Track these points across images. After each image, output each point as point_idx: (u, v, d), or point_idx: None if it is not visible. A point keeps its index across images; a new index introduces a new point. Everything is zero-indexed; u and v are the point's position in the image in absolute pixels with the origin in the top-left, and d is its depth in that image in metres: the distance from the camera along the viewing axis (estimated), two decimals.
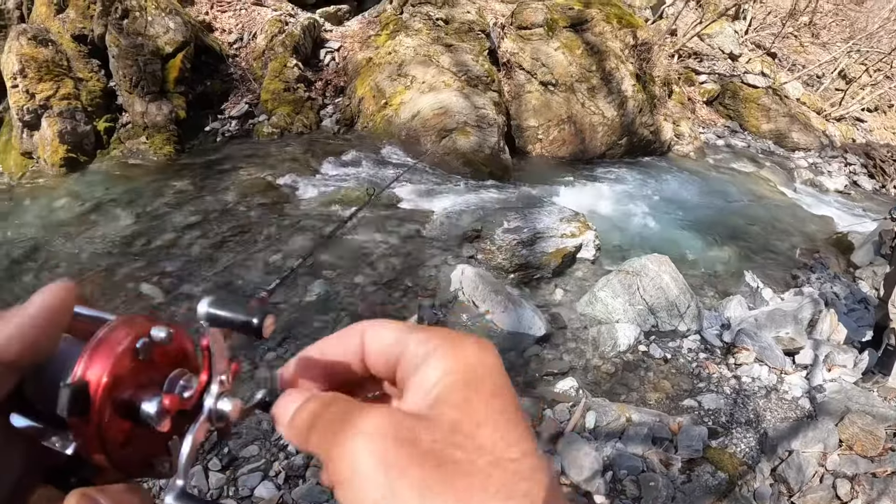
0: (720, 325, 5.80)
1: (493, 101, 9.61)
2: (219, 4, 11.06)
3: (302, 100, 9.91)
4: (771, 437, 4.22)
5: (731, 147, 13.01)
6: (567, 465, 3.69)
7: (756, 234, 8.48)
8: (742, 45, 16.08)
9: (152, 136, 9.04)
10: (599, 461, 3.69)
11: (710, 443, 4.04)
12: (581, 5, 11.19)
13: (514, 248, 6.18)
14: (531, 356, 4.94)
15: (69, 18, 9.47)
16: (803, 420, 4.45)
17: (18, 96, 8.70)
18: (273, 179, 7.93)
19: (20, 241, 7.08)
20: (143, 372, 0.50)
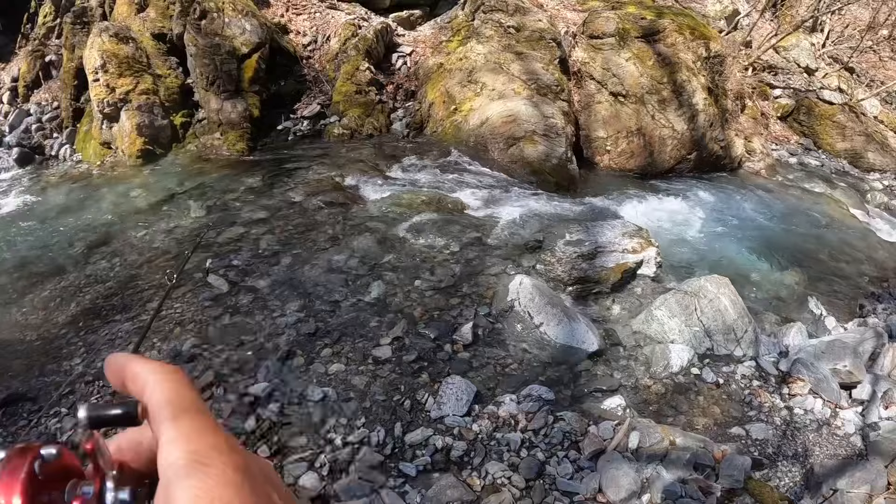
0: (778, 352, 5.72)
1: (563, 111, 9.64)
2: (294, 7, 11.36)
3: (373, 103, 10.12)
4: (817, 474, 4.20)
5: (803, 166, 12.68)
6: (605, 482, 3.77)
7: (823, 258, 8.31)
8: (818, 58, 15.62)
9: (226, 133, 9.36)
10: (638, 482, 3.76)
11: (753, 474, 4.05)
12: (654, 15, 11.10)
13: (574, 261, 6.22)
14: (581, 371, 5.00)
15: (149, 17, 9.90)
16: (853, 458, 4.40)
17: (99, 90, 9.13)
18: (340, 180, 8.13)
19: (96, 226, 7.45)
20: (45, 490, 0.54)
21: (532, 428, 4.19)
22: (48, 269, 6.63)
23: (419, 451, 3.97)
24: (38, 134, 10.22)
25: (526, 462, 3.89)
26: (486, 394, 4.57)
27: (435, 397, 4.41)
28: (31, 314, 5.84)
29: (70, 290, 6.14)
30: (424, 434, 4.08)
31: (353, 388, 4.52)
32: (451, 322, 5.31)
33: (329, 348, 4.94)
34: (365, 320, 5.32)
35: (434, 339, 5.07)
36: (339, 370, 4.69)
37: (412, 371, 4.71)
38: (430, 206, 7.35)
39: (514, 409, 4.35)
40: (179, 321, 5.30)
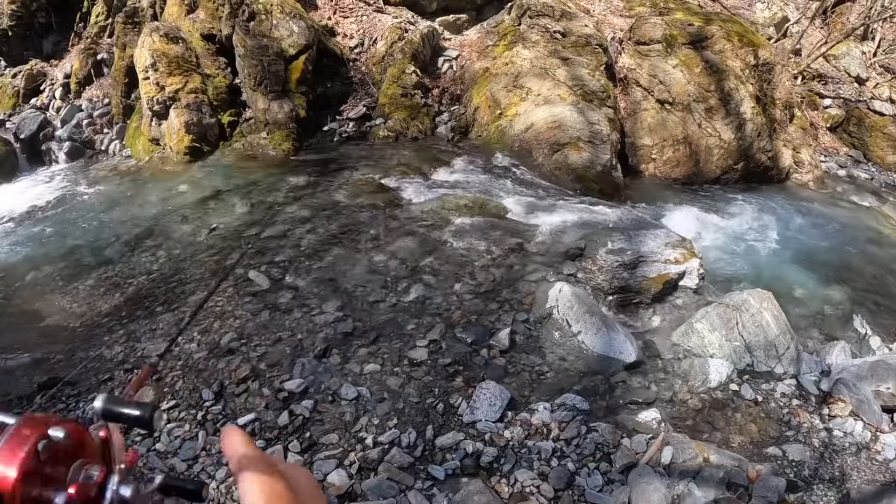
0: (819, 371, 5.58)
1: (608, 118, 9.58)
2: (341, 10, 11.47)
3: (418, 106, 10.17)
4: (853, 500, 4.09)
5: (852, 178, 12.40)
6: (635, 497, 3.73)
7: (870, 275, 8.10)
8: (869, 67, 15.24)
9: (272, 133, 9.50)
10: (668, 499, 3.70)
11: (788, 496, 3.96)
12: (702, 21, 10.97)
13: (615, 270, 6.17)
14: (618, 382, 4.95)
15: (199, 18, 10.09)
16: (892, 485, 4.28)
17: (149, 87, 9.35)
18: (384, 182, 8.19)
19: (142, 219, 7.64)
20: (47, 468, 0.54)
21: (564, 437, 4.16)
22: (94, 259, 6.81)
23: (449, 455, 3.98)
24: (88, 129, 10.49)
25: (556, 472, 3.87)
26: (520, 400, 4.56)
27: (468, 402, 4.41)
28: (76, 302, 6.00)
29: (114, 281, 6.29)
30: (455, 438, 4.09)
31: (387, 389, 4.54)
32: (488, 327, 5.31)
33: (365, 348, 4.98)
34: (403, 322, 5.35)
35: (470, 344, 5.07)
36: (375, 370, 4.72)
37: (447, 374, 4.72)
38: (472, 209, 7.36)
39: (547, 417, 4.33)
40: (220, 315, 5.40)
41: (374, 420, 4.25)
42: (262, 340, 5.06)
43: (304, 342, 5.03)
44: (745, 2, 15.67)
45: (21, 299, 6.26)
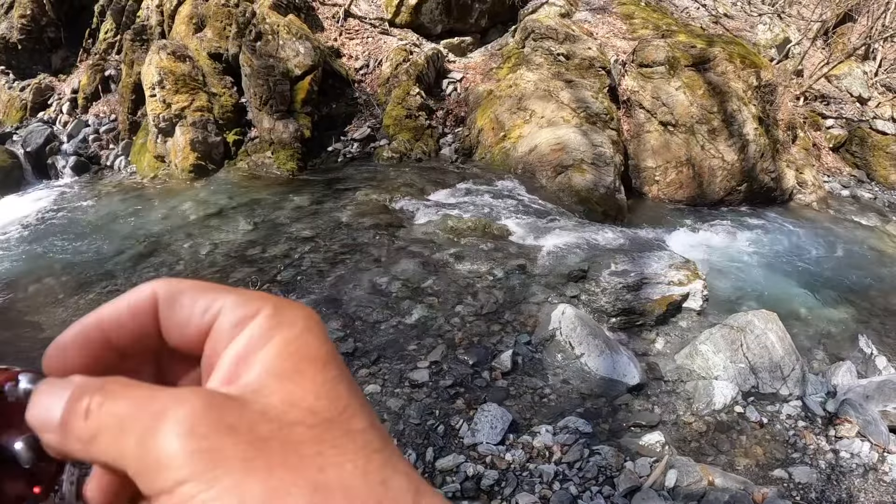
0: (825, 392, 5.54)
1: (612, 140, 9.60)
2: (347, 32, 11.56)
3: (423, 127, 10.21)
4: None
5: (856, 198, 12.38)
6: None
7: (875, 295, 8.07)
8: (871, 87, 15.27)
9: (277, 152, 9.53)
10: None
11: None
12: (704, 43, 11.02)
13: (618, 292, 6.15)
14: (621, 405, 4.92)
15: (206, 37, 10.17)
16: None
17: (156, 105, 9.41)
18: (388, 202, 8.19)
19: (145, 235, 7.65)
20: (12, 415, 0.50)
21: (567, 461, 4.13)
22: (97, 273, 6.82)
23: (449, 478, 3.94)
24: (94, 144, 10.55)
25: (558, 495, 3.83)
26: (521, 423, 4.52)
27: (469, 424, 4.38)
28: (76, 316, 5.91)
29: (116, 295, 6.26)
30: (456, 460, 4.05)
31: (388, 410, 4.51)
32: (490, 349, 5.28)
33: (366, 368, 4.96)
34: (404, 343, 5.33)
35: (472, 365, 5.04)
36: (375, 391, 4.70)
37: (448, 396, 4.69)
38: (475, 231, 7.35)
39: (549, 440, 4.30)
40: None
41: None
42: None
43: None
44: (747, 24, 15.76)
45: (22, 311, 6.26)
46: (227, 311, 0.41)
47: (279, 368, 0.38)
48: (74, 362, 0.44)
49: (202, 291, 0.43)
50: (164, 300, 0.43)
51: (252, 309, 0.41)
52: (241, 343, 0.40)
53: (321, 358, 0.40)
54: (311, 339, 0.40)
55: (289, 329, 0.40)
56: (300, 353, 0.39)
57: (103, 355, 0.44)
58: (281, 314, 0.41)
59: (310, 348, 0.40)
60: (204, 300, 0.42)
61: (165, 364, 0.47)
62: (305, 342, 0.40)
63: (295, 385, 0.38)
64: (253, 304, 0.41)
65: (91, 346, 0.44)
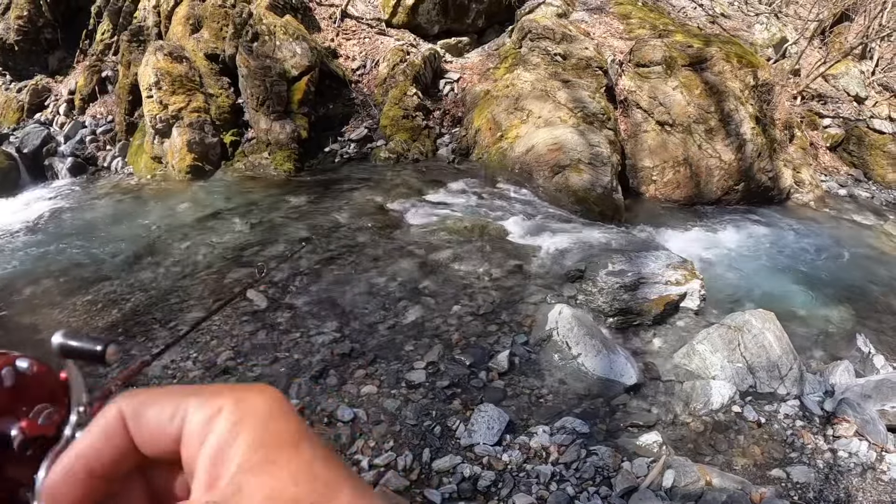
0: (823, 391, 5.53)
1: (609, 140, 9.58)
2: (344, 32, 11.55)
3: (420, 128, 10.20)
4: None
5: (853, 197, 12.37)
6: None
7: (873, 293, 8.06)
8: (868, 86, 15.26)
9: (274, 153, 9.52)
10: None
11: None
12: (701, 43, 11.01)
13: (615, 292, 6.14)
14: (618, 405, 4.90)
15: (203, 38, 10.15)
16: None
17: (152, 106, 9.39)
18: (384, 203, 8.19)
19: (142, 237, 7.64)
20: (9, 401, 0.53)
21: (564, 461, 4.11)
22: (93, 275, 6.79)
23: (446, 479, 3.92)
24: (91, 145, 10.53)
25: (555, 496, 3.81)
26: (518, 424, 4.51)
27: (466, 425, 4.36)
28: (73, 317, 5.98)
29: (112, 297, 6.27)
30: (453, 461, 4.04)
31: (384, 411, 4.50)
32: (487, 349, 5.27)
33: (363, 369, 4.94)
34: (401, 343, 5.32)
35: (469, 366, 5.03)
36: (372, 392, 4.68)
37: (445, 397, 4.68)
38: (472, 232, 7.35)
39: (546, 440, 4.28)
40: (217, 334, 5.37)
41: (371, 442, 4.20)
42: (258, 360, 5.03)
43: (301, 363, 5.00)
44: (744, 23, 15.75)
45: (19, 312, 6.23)
46: (192, 413, 0.42)
47: (252, 463, 0.39)
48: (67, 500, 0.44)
49: (164, 399, 0.44)
50: (130, 418, 0.44)
51: (214, 407, 0.42)
52: (212, 444, 0.40)
53: (290, 441, 0.40)
54: (277, 425, 0.41)
55: (252, 419, 0.41)
56: (269, 441, 0.40)
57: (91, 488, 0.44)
58: (242, 406, 0.41)
59: (278, 435, 0.40)
60: (168, 408, 0.43)
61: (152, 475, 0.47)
62: (272, 429, 0.40)
63: (270, 477, 0.38)
64: (215, 401, 0.42)
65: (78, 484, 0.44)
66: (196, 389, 0.44)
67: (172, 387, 0.45)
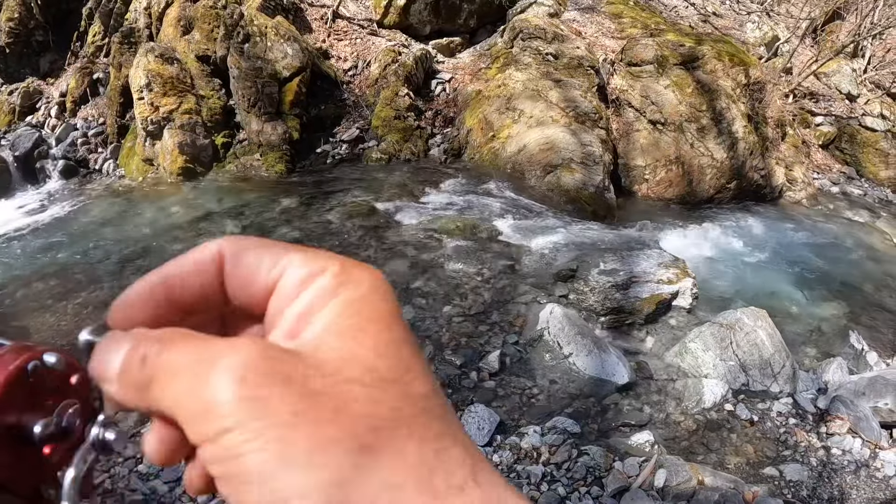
0: (816, 388, 5.52)
1: (601, 139, 9.57)
2: (335, 33, 11.52)
3: (411, 128, 10.18)
4: None
5: (846, 195, 12.39)
6: None
7: (866, 290, 8.07)
8: (860, 84, 15.29)
9: (266, 154, 9.47)
10: None
11: None
12: (693, 42, 11.02)
13: (607, 291, 6.13)
14: (610, 404, 4.89)
15: (194, 40, 10.11)
16: (891, 502, 4.22)
17: (143, 108, 9.34)
18: (376, 204, 8.15)
19: (133, 239, 7.60)
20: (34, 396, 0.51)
21: (555, 461, 4.09)
22: (84, 278, 6.75)
23: None
24: (83, 148, 10.47)
25: (546, 497, 3.79)
26: (509, 424, 4.49)
27: None
28: (63, 320, 5.94)
29: (103, 300, 6.23)
30: None
31: None
32: (478, 349, 5.25)
33: None
34: None
35: (460, 367, 5.01)
36: None
37: None
38: (464, 232, 7.32)
39: (537, 441, 4.26)
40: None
41: None
42: None
43: None
44: (736, 22, 15.78)
45: (9, 316, 6.20)
46: (293, 268, 0.40)
47: (341, 326, 0.37)
48: (139, 317, 0.43)
49: (268, 249, 0.42)
50: (229, 258, 0.42)
51: (318, 267, 0.40)
52: (305, 300, 0.39)
53: (385, 318, 0.39)
54: (376, 299, 0.39)
55: (354, 288, 0.39)
56: (364, 312, 0.38)
57: (168, 312, 0.43)
58: (347, 273, 0.40)
59: (374, 308, 0.39)
60: (269, 258, 0.41)
61: (230, 323, 0.46)
62: (370, 301, 0.39)
63: (356, 343, 0.37)
64: (319, 262, 0.40)
65: (155, 302, 0.43)
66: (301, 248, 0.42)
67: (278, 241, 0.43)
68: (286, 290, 0.40)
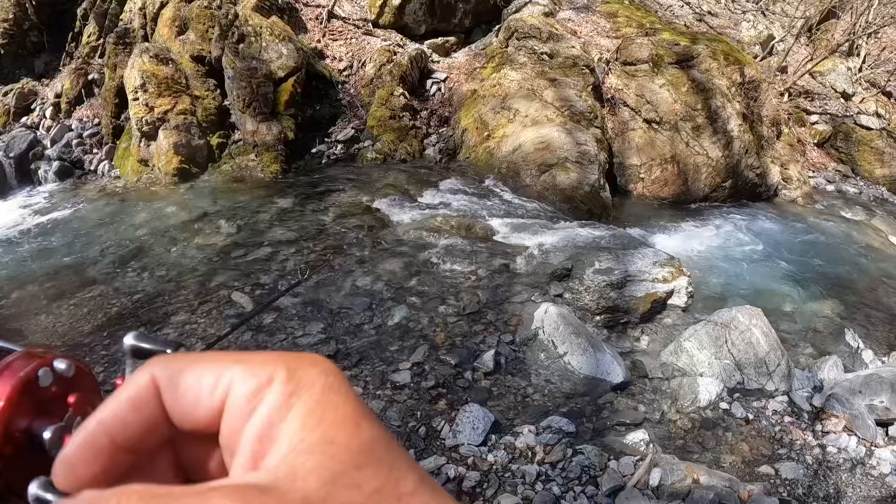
0: (812, 386, 5.51)
1: (596, 138, 9.56)
2: (331, 33, 11.50)
3: (406, 128, 10.16)
4: None
5: (841, 193, 12.42)
6: None
7: (861, 288, 8.08)
8: (856, 83, 15.32)
9: (261, 154, 9.46)
10: None
11: None
12: (688, 41, 11.03)
13: (602, 290, 6.12)
14: (605, 403, 4.88)
15: (189, 40, 10.09)
16: (888, 500, 4.20)
17: (138, 108, 9.32)
18: (371, 204, 8.15)
19: (128, 240, 7.58)
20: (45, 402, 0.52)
21: (549, 461, 4.08)
22: (79, 279, 6.74)
23: None
24: (78, 149, 10.45)
25: (541, 496, 3.78)
26: (504, 423, 4.48)
27: (451, 425, 4.33)
28: (59, 321, 5.92)
29: (98, 301, 6.22)
30: (437, 462, 4.00)
31: None
32: (473, 349, 5.24)
33: (347, 371, 4.90)
34: (386, 344, 5.28)
35: (455, 366, 5.00)
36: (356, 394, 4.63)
37: (430, 397, 4.65)
38: (459, 231, 7.31)
39: (532, 440, 4.25)
40: (202, 336, 5.33)
41: None
42: None
43: None
44: (731, 21, 15.79)
45: (4, 317, 6.18)
46: (238, 383, 0.37)
47: (308, 442, 0.34)
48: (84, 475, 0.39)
49: (205, 366, 0.39)
50: (165, 384, 0.39)
51: (264, 377, 0.37)
52: (260, 418, 0.36)
53: (350, 418, 0.36)
54: (334, 400, 0.36)
55: (308, 394, 0.36)
56: (326, 418, 0.35)
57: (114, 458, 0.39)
58: (297, 379, 0.36)
59: (336, 410, 0.36)
60: (209, 376, 0.38)
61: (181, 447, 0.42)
62: (329, 404, 0.36)
63: (329, 458, 0.34)
64: (264, 370, 0.37)
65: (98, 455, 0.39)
66: (240, 357, 0.39)
67: (213, 353, 0.40)
68: (236, 410, 0.37)
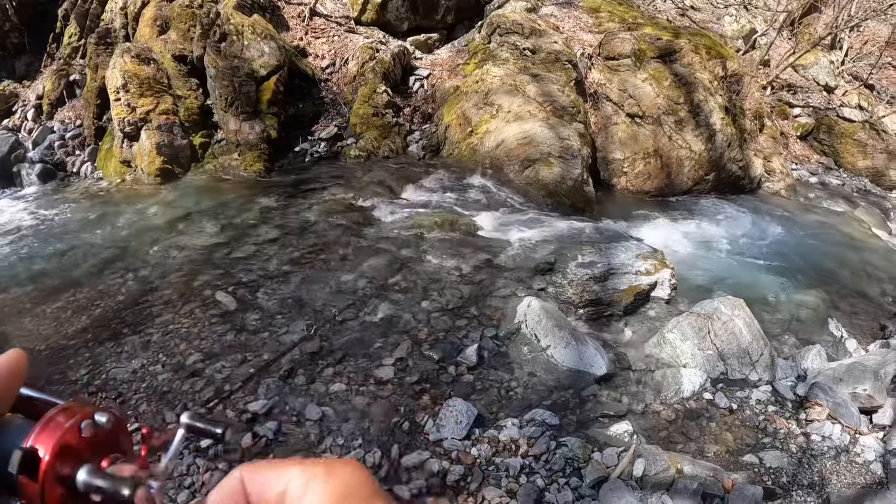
0: (795, 376, 5.53)
1: (579, 133, 9.57)
2: (313, 31, 11.46)
3: (390, 125, 10.14)
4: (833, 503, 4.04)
5: (824, 185, 12.49)
6: None
7: (844, 279, 8.12)
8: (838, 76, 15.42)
9: (244, 154, 9.41)
10: None
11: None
12: (670, 36, 11.05)
13: (585, 283, 6.12)
14: (588, 396, 4.88)
15: (171, 39, 10.03)
16: (872, 487, 4.21)
17: (120, 109, 9.25)
18: (355, 201, 8.14)
19: (111, 242, 7.53)
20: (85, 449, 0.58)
21: (533, 453, 4.07)
22: (62, 282, 6.67)
23: (415, 475, 3.87)
24: (60, 151, 10.37)
25: (525, 489, 3.77)
26: (487, 417, 4.47)
27: (435, 420, 4.32)
28: (42, 325, 5.86)
29: (82, 304, 6.16)
30: (421, 457, 3.99)
31: (353, 409, 4.44)
32: (456, 344, 5.23)
33: (331, 367, 4.88)
34: (369, 340, 5.27)
35: (438, 361, 4.99)
36: (340, 389, 4.62)
37: (413, 392, 4.63)
38: (442, 227, 7.31)
39: (515, 433, 4.25)
40: (185, 337, 5.30)
41: (339, 440, 4.15)
42: (227, 361, 4.95)
43: (270, 362, 4.93)
44: (713, 15, 15.85)
45: None
46: (295, 479, 0.56)
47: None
48: None
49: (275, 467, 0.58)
50: (248, 480, 0.59)
51: (312, 473, 0.56)
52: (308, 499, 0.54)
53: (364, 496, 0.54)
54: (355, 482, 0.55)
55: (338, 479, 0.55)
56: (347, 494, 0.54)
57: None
58: (333, 473, 0.56)
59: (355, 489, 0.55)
60: (275, 473, 0.58)
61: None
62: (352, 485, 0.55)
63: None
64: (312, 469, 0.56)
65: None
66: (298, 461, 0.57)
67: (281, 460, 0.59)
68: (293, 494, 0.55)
